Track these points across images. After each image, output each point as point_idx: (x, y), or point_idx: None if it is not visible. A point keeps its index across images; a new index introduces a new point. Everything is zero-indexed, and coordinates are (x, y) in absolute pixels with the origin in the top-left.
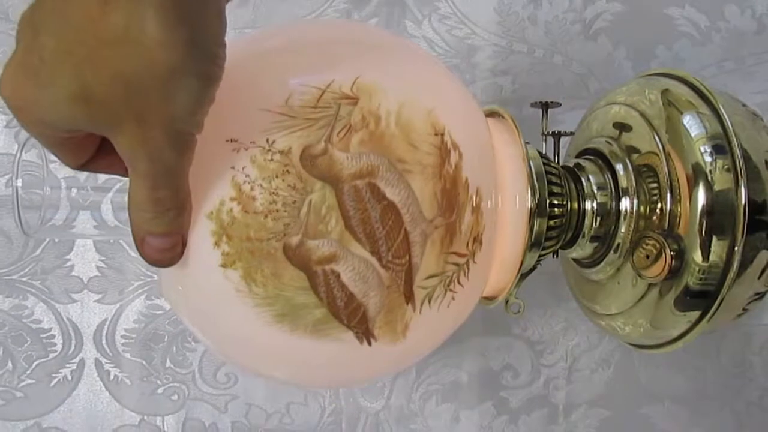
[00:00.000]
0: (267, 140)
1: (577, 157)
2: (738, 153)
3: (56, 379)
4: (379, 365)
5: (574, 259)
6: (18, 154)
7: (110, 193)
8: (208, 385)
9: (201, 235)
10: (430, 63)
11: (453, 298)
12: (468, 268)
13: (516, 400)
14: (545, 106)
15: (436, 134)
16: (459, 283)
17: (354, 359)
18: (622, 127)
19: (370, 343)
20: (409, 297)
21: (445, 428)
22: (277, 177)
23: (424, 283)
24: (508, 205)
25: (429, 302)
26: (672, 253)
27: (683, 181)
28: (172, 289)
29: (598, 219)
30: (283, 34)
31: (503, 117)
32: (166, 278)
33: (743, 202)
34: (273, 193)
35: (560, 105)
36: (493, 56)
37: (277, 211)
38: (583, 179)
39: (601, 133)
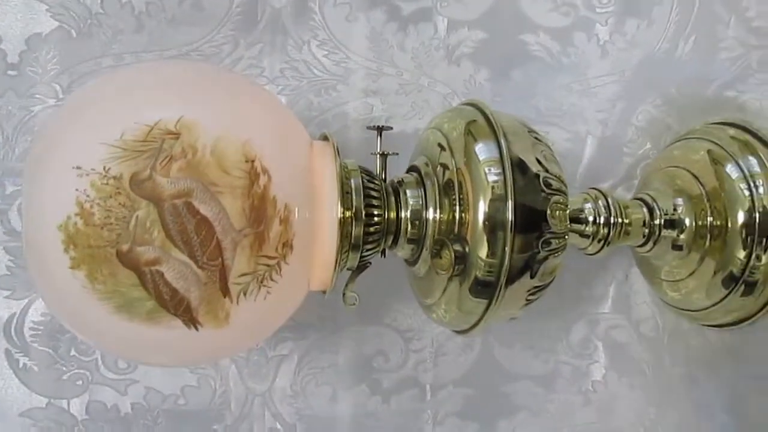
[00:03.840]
0: (104, 168)
1: (407, 171)
2: (509, 173)
3: None
4: (213, 346)
5: (405, 260)
6: None
7: (17, 202)
8: (110, 371)
9: (53, 243)
10: (258, 98)
11: (268, 292)
12: (280, 268)
13: (388, 381)
14: (380, 130)
15: (247, 161)
16: (272, 279)
17: (189, 342)
18: (440, 147)
19: (197, 329)
20: (225, 291)
21: (325, 406)
22: (111, 197)
23: (238, 280)
24: (325, 215)
25: (245, 295)
26: (456, 253)
27: (471, 194)
28: (43, 291)
29: (416, 223)
30: (126, 74)
31: (329, 140)
32: (35, 282)
33: (510, 216)
34: (108, 209)
35: (392, 128)
36: (366, 78)
37: (111, 224)
38: (401, 193)
39: (424, 152)
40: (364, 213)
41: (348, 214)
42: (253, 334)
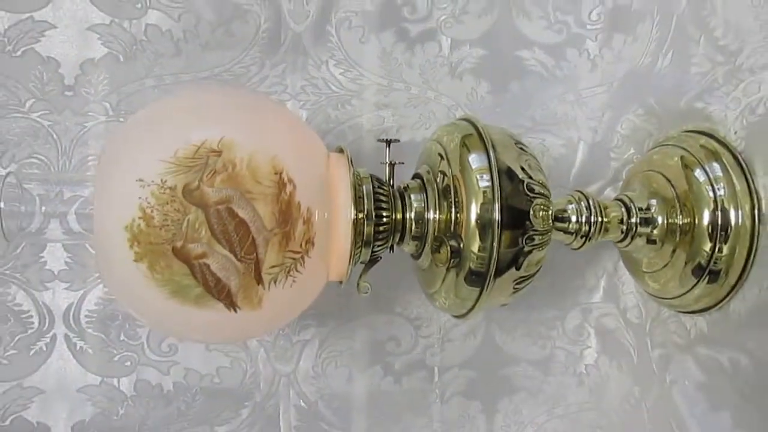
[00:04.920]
0: (161, 180)
1: (412, 178)
2: (496, 180)
3: (34, 350)
4: (248, 326)
5: (410, 255)
6: (1, 184)
7: (75, 206)
8: (154, 354)
9: (121, 241)
10: (283, 117)
11: (294, 281)
12: (303, 261)
13: (399, 364)
14: (388, 142)
15: (275, 173)
16: (297, 270)
17: (229, 322)
18: (440, 157)
19: (236, 311)
20: (259, 280)
21: (343, 386)
22: (167, 204)
23: (269, 270)
24: (341, 216)
25: (274, 283)
26: (451, 248)
27: (465, 198)
28: (108, 280)
29: (419, 223)
30: (174, 101)
31: (344, 152)
32: (102, 272)
33: (498, 216)
34: (165, 214)
35: (399, 141)
36: (377, 93)
37: (167, 225)
38: (406, 197)
39: (427, 161)
40: (374, 214)
41: (361, 215)
42: (281, 317)
